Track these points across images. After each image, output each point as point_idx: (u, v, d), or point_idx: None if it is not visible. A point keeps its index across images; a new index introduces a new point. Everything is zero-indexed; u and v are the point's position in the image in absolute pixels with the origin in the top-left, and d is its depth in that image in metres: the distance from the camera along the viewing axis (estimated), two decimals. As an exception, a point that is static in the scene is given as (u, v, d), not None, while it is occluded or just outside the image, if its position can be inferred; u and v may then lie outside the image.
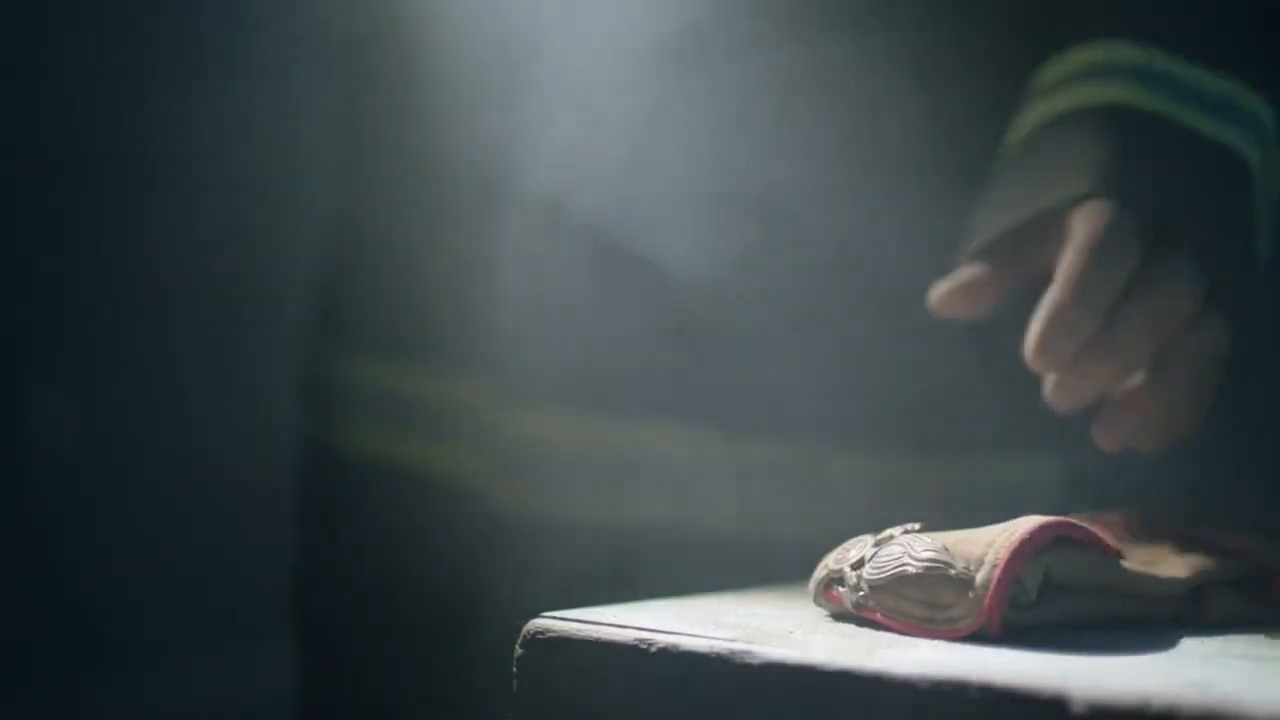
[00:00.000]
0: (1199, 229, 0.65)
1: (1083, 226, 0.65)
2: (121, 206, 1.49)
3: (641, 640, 0.53)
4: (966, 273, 0.70)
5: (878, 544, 0.58)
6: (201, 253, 1.52)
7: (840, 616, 0.58)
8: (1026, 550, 0.54)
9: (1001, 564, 0.54)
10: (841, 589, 0.58)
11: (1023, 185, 0.69)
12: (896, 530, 0.58)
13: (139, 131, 1.48)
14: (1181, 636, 0.55)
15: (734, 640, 0.52)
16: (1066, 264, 0.64)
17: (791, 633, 0.54)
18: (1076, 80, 0.71)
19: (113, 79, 1.47)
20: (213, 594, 1.50)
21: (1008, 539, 0.55)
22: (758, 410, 0.82)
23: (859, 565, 0.57)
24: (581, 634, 0.54)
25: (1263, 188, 0.69)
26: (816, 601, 0.59)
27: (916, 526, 0.58)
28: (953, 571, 0.54)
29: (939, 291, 0.70)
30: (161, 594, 1.49)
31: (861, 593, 0.57)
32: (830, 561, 0.59)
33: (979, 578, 0.54)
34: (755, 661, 0.51)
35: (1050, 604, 0.55)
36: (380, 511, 0.92)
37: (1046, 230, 0.68)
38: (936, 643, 0.54)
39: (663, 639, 0.53)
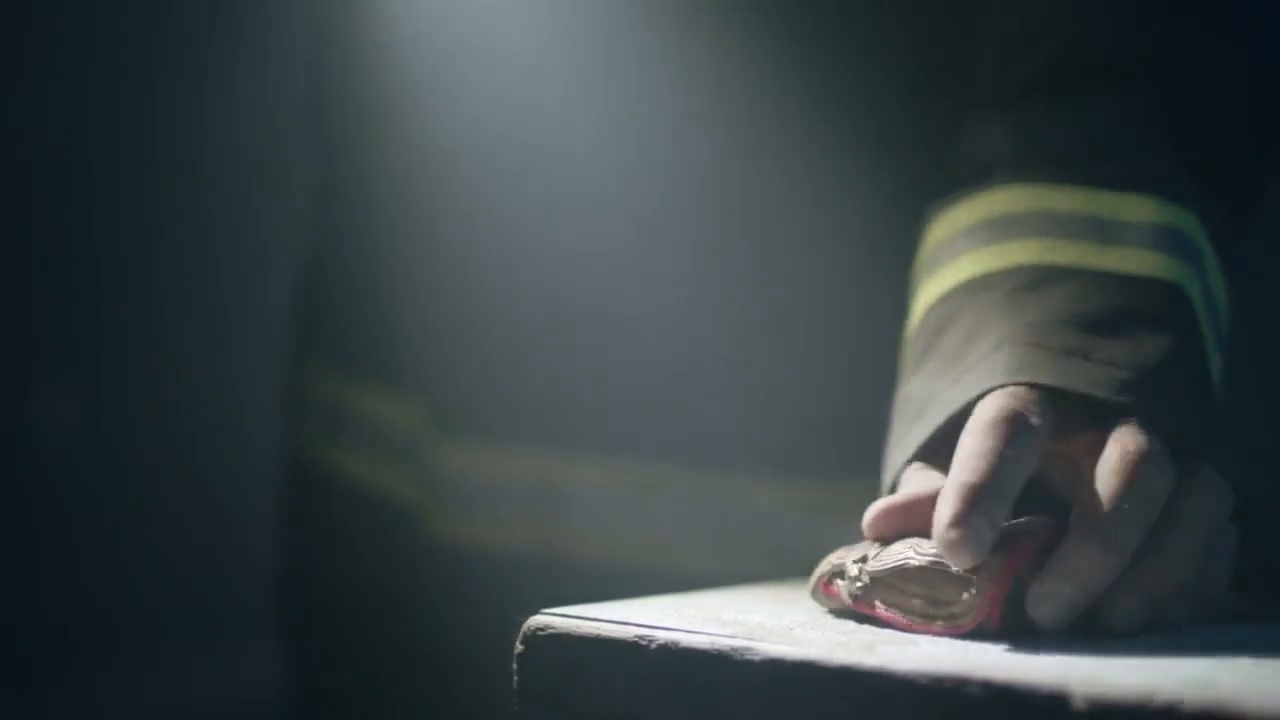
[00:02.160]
0: (1147, 388, 0.58)
1: (969, 430, 0.56)
2: (107, 215, 1.50)
3: (642, 637, 0.53)
4: (907, 493, 0.59)
5: (883, 544, 0.58)
6: (179, 256, 1.53)
7: (839, 613, 0.58)
8: (1028, 549, 0.54)
9: (1003, 563, 0.54)
10: (841, 581, 0.58)
11: (935, 382, 0.62)
12: None
13: (127, 138, 1.49)
14: (1183, 633, 0.55)
15: (734, 637, 0.52)
16: (952, 474, 0.55)
17: (791, 629, 0.54)
18: (970, 241, 0.65)
19: (106, 87, 1.47)
20: (179, 595, 1.51)
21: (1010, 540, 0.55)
22: (687, 441, 0.81)
23: (862, 560, 0.57)
24: (581, 630, 0.54)
25: (1207, 315, 0.63)
26: (814, 595, 0.59)
27: None
28: (954, 569, 0.54)
29: (874, 515, 0.59)
30: (132, 596, 1.49)
31: (861, 583, 0.56)
32: (832, 558, 0.59)
33: (979, 575, 0.54)
34: (755, 658, 0.51)
35: None
36: (335, 525, 0.92)
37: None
38: (937, 639, 0.54)
39: (663, 635, 0.53)
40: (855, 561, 0.57)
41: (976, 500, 0.54)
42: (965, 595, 0.54)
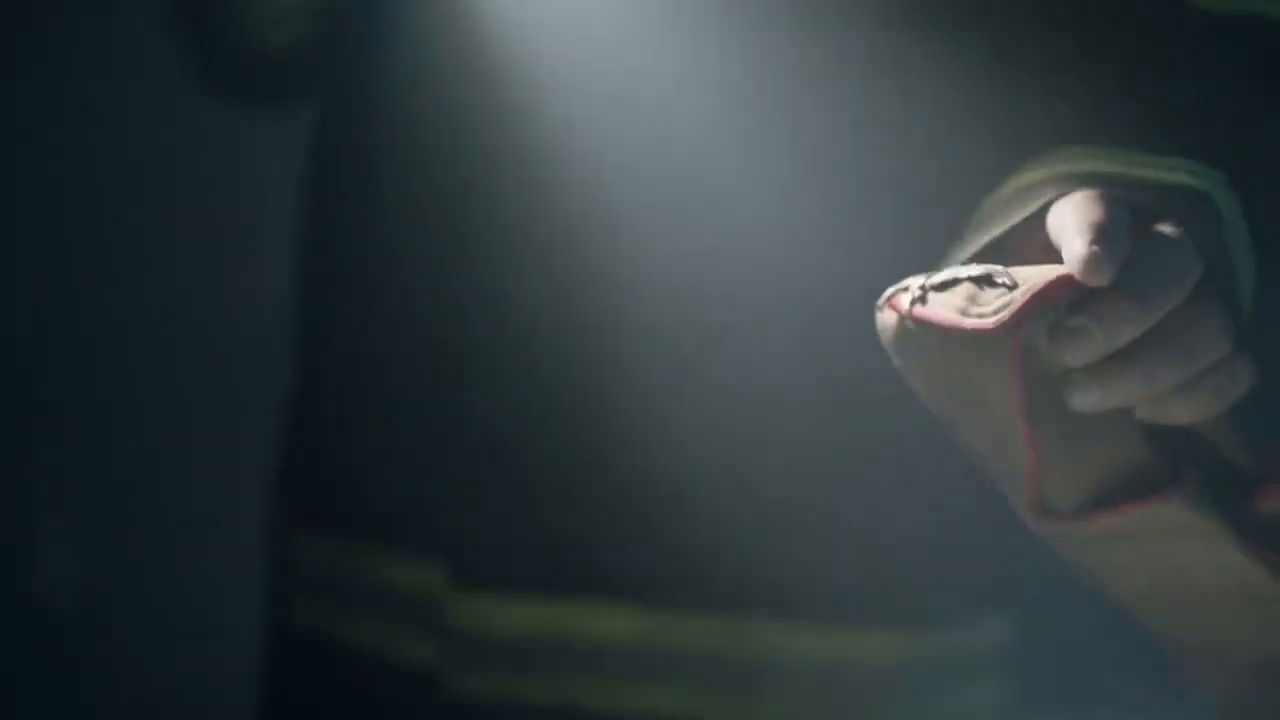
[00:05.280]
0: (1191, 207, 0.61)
1: (1072, 209, 0.59)
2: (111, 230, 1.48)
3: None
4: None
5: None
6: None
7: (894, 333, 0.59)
8: (1069, 282, 0.56)
9: (1041, 284, 0.56)
10: (904, 295, 0.59)
11: (995, 215, 0.65)
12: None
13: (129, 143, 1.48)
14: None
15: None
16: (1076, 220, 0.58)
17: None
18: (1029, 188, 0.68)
19: (104, 93, 1.48)
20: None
21: (1054, 269, 0.57)
22: (715, 588, 0.80)
23: (927, 277, 0.59)
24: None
25: (1236, 238, 0.65)
26: (879, 310, 0.60)
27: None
28: (1000, 279, 0.57)
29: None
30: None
31: (919, 294, 0.58)
32: (905, 281, 0.61)
33: (1018, 291, 0.57)
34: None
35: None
36: (348, 692, 0.87)
37: (1018, 244, 0.64)
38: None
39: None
40: (923, 278, 0.59)
41: (1107, 228, 0.56)
42: (1000, 299, 0.56)
